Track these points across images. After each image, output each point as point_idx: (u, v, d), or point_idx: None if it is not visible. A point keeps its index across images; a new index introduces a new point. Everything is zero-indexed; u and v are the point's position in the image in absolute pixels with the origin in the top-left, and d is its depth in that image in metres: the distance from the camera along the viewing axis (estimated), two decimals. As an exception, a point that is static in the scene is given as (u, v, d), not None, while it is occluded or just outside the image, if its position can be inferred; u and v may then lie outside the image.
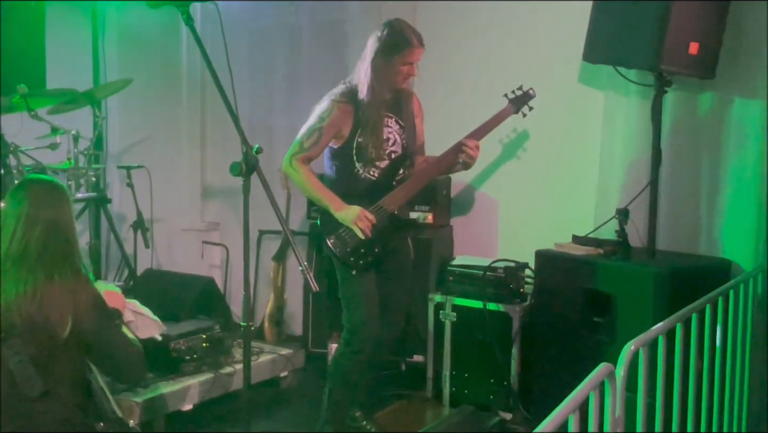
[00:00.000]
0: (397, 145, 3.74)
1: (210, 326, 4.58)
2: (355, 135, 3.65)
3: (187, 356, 4.35)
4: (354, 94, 3.64)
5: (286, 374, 4.73)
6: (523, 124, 4.58)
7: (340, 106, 3.63)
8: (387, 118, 3.70)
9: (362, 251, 3.67)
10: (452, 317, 4.39)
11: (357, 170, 3.69)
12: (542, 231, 4.49)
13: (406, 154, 3.77)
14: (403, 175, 3.77)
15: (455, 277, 4.42)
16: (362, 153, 3.66)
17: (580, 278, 3.87)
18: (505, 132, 4.62)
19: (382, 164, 3.71)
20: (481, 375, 4.31)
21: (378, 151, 3.67)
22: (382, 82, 3.60)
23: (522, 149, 4.71)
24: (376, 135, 3.64)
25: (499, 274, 4.29)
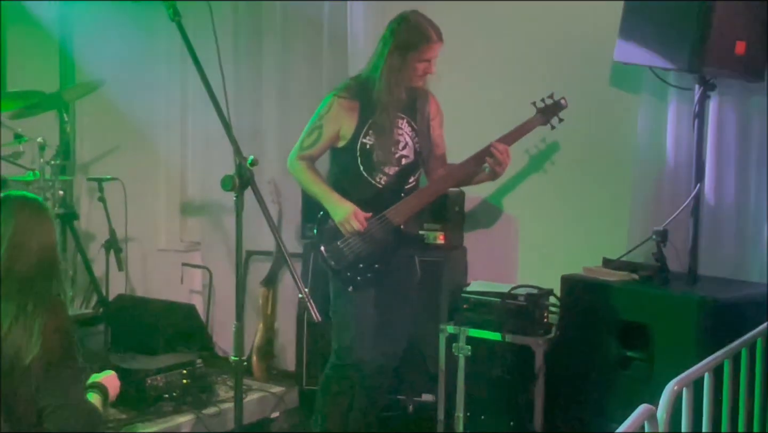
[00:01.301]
0: (408, 150, 3.78)
1: (191, 360, 4.61)
2: (359, 135, 3.69)
3: (165, 393, 4.38)
4: (361, 90, 3.69)
5: (277, 414, 4.75)
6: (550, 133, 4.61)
7: (341, 102, 3.69)
8: (398, 119, 3.73)
9: (360, 265, 3.71)
10: (466, 351, 4.39)
11: (361, 175, 3.72)
12: (569, 253, 4.52)
13: (418, 160, 3.81)
14: (413, 185, 3.81)
15: (470, 305, 4.43)
16: (367, 156, 3.70)
17: (613, 307, 3.87)
18: (532, 141, 4.65)
19: (391, 170, 3.75)
20: (499, 417, 4.30)
21: (386, 156, 3.70)
22: (397, 79, 3.64)
23: (547, 160, 4.74)
24: (384, 137, 3.68)
25: (519, 302, 4.30)
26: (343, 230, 3.67)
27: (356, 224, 3.64)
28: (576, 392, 4.01)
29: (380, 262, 3.74)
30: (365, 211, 3.68)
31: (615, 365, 3.84)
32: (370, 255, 3.71)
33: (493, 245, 4.91)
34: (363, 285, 3.72)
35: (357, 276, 3.71)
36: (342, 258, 3.70)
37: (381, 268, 3.74)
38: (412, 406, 4.68)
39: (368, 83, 3.69)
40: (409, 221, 3.81)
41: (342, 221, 3.65)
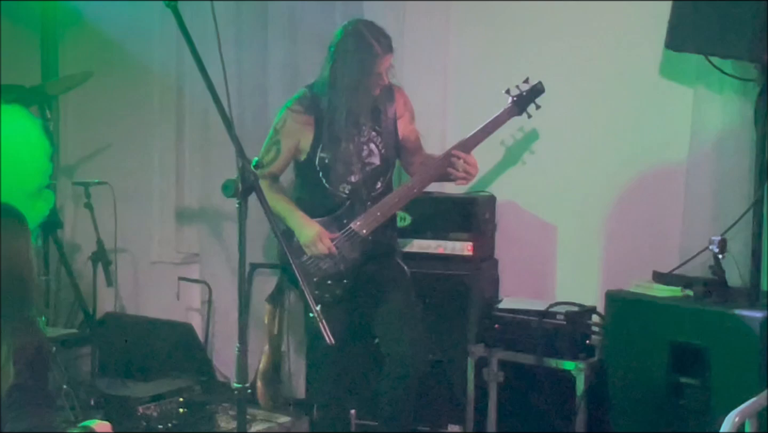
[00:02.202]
0: (374, 156, 4.05)
1: (188, 386, 4.64)
2: (317, 148, 3.96)
3: (159, 424, 4.40)
4: (315, 102, 3.97)
5: (284, 447, 4.75)
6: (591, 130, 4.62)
7: (295, 116, 4.00)
8: (361, 126, 4.00)
9: (329, 282, 3.97)
10: (499, 377, 4.38)
11: (324, 187, 3.99)
12: (614, 266, 4.51)
13: (386, 165, 4.06)
14: (381, 190, 4.05)
15: (503, 324, 4.42)
16: (328, 168, 3.98)
17: (664, 326, 3.87)
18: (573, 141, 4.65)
19: (355, 178, 4.02)
20: (536, 451, 4.31)
21: (347, 166, 3.98)
22: (349, 92, 3.89)
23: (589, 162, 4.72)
24: (342, 148, 3.94)
25: (559, 321, 4.29)
26: (308, 252, 3.93)
27: (322, 248, 3.93)
28: (622, 423, 4.00)
29: (349, 277, 4.00)
30: (333, 223, 3.99)
31: (666, 393, 3.83)
32: (338, 271, 3.99)
33: (528, 257, 4.90)
34: (333, 303, 3.92)
35: (325, 294, 3.95)
36: (309, 276, 3.92)
37: (350, 283, 4.00)
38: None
39: (321, 96, 3.96)
40: (381, 228, 4.03)
41: (308, 243, 3.93)
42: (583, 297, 4.45)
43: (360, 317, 4.12)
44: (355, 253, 4.02)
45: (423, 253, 4.72)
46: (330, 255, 3.96)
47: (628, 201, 4.61)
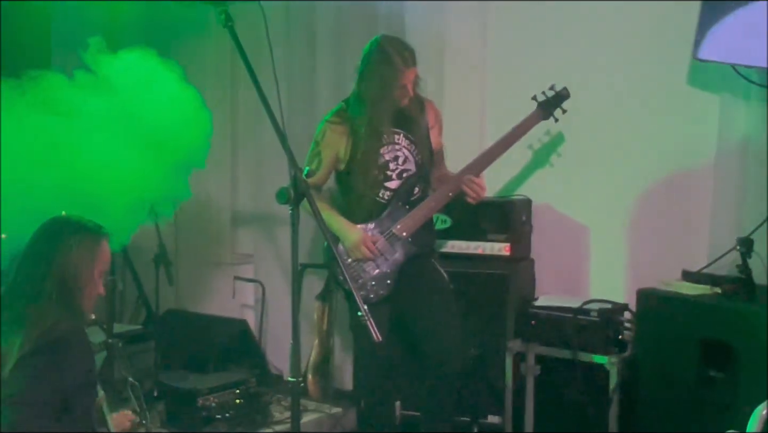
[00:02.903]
0: (409, 163, 4.05)
1: (244, 378, 4.67)
2: (355, 156, 4.00)
3: (218, 414, 4.44)
4: (350, 114, 4.00)
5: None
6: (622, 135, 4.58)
7: (333, 128, 4.03)
8: (394, 134, 4.02)
9: (372, 283, 3.98)
10: (535, 370, 4.36)
11: (364, 194, 4.01)
12: (645, 265, 4.48)
13: (421, 171, 4.06)
14: (419, 195, 4.07)
15: (539, 321, 4.40)
16: (365, 175, 4.01)
17: (693, 323, 3.83)
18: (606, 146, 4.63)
19: (392, 184, 4.03)
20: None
21: (382, 173, 4.01)
22: (376, 105, 3.93)
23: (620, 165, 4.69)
24: (372, 156, 3.99)
25: (592, 317, 4.26)
26: (352, 256, 3.96)
27: (365, 251, 3.96)
28: (653, 415, 3.96)
29: (392, 277, 4.00)
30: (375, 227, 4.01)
31: (696, 386, 3.78)
32: (381, 272, 3.99)
33: (563, 257, 4.87)
34: (377, 302, 3.92)
35: (370, 293, 3.96)
36: (354, 277, 3.94)
37: (393, 283, 4.00)
38: (477, 428, 4.65)
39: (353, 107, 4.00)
40: (420, 231, 4.04)
41: (351, 247, 3.96)
42: (615, 295, 4.42)
43: (402, 314, 4.11)
44: (397, 254, 4.03)
45: (463, 253, 4.72)
46: (372, 257, 3.97)
47: (658, 203, 4.56)
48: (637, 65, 4.55)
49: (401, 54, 3.90)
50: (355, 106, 4.01)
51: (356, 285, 3.88)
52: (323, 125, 4.06)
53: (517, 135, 4.16)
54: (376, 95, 3.93)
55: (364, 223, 4.03)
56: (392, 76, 3.89)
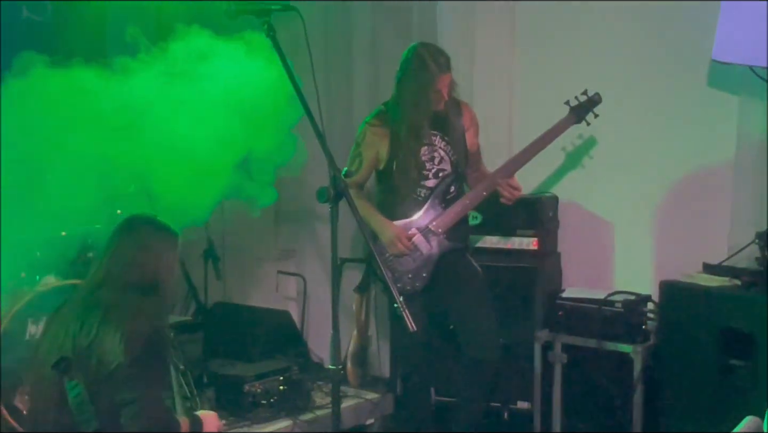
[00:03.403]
0: (445, 163, 4.07)
1: (287, 366, 4.69)
2: (394, 156, 4.03)
3: (263, 400, 4.47)
4: (389, 116, 4.03)
5: (372, 421, 4.78)
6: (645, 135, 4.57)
7: (373, 130, 4.06)
8: (432, 136, 4.05)
9: (409, 275, 4.01)
10: (563, 359, 4.37)
11: (402, 192, 4.04)
12: (667, 258, 4.47)
13: (456, 171, 4.08)
14: (454, 194, 4.09)
15: (566, 312, 4.41)
16: (403, 174, 4.03)
17: (714, 313, 3.82)
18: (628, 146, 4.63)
19: (429, 183, 4.06)
20: (597, 425, 4.28)
21: (419, 172, 4.04)
22: (413, 108, 3.95)
23: (643, 164, 4.67)
24: (411, 156, 4.01)
25: (617, 308, 4.26)
26: (390, 251, 3.96)
27: (401, 246, 3.99)
28: (676, 401, 3.95)
29: (427, 270, 4.02)
30: (411, 223, 4.05)
31: (716, 374, 3.78)
32: (417, 266, 4.02)
33: (588, 251, 4.86)
34: (413, 293, 3.95)
35: (406, 286, 3.99)
36: (392, 270, 3.97)
37: (428, 276, 4.03)
38: (507, 413, 4.67)
39: (392, 110, 4.02)
40: (454, 227, 4.06)
41: (388, 242, 3.98)
42: (638, 287, 4.41)
43: (437, 306, 4.14)
44: (433, 249, 4.05)
45: (493, 248, 4.74)
46: (408, 252, 4.00)
47: (679, 199, 4.55)
48: (659, 67, 4.55)
49: (437, 60, 3.92)
50: (394, 110, 4.04)
51: (393, 278, 3.91)
52: (364, 127, 4.10)
53: (549, 138, 4.16)
54: (413, 99, 3.95)
55: (402, 219, 4.06)
56: (428, 82, 3.91)
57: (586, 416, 4.33)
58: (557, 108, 4.23)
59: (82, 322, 2.68)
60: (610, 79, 4.60)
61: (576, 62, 4.81)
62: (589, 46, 4.79)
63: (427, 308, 4.07)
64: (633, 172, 4.68)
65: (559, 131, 4.18)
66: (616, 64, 4.69)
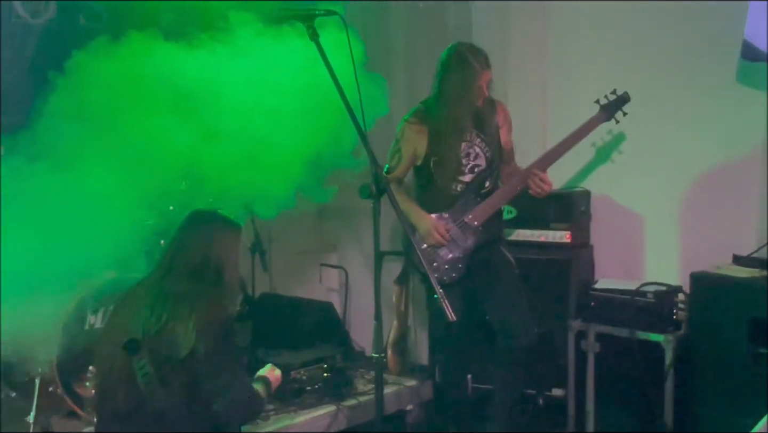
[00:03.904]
0: (480, 159, 4.05)
1: (331, 354, 4.71)
2: (432, 153, 4.02)
3: (308, 386, 4.50)
4: (428, 113, 4.02)
5: (411, 407, 4.79)
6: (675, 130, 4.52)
7: (411, 127, 4.05)
8: (468, 132, 4.03)
9: (446, 266, 3.99)
10: (595, 347, 4.33)
11: (439, 186, 4.02)
12: (697, 250, 4.42)
13: (491, 167, 4.06)
14: (489, 188, 4.08)
15: (598, 302, 4.37)
16: (440, 169, 4.02)
17: (743, 303, 3.77)
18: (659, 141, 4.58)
19: (466, 178, 4.04)
20: (629, 412, 4.24)
21: (457, 167, 4.02)
22: (454, 105, 3.95)
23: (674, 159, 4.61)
24: (451, 152, 4.00)
25: (649, 299, 4.21)
26: (426, 241, 3.98)
27: (437, 236, 3.97)
28: (706, 389, 3.91)
29: (464, 262, 4.00)
30: (447, 216, 4.02)
31: (746, 363, 3.73)
32: (454, 257, 4.00)
33: (620, 243, 4.82)
34: (450, 284, 3.94)
35: (443, 276, 3.98)
36: (430, 261, 3.97)
37: (464, 267, 4.01)
38: (542, 400, 4.64)
39: (432, 108, 4.01)
40: (489, 220, 4.05)
41: (424, 233, 3.98)
42: (669, 278, 4.36)
43: (473, 296, 4.12)
44: (468, 241, 4.04)
45: (528, 241, 4.72)
46: (445, 243, 3.99)
47: (709, 193, 4.49)
48: (687, 65, 4.50)
49: (477, 57, 3.94)
50: (434, 107, 4.03)
51: (431, 269, 3.90)
52: (403, 124, 4.09)
53: (580, 135, 4.13)
54: (457, 95, 3.95)
55: (439, 212, 4.05)
56: (471, 77, 3.91)
57: (619, 403, 4.29)
58: (589, 106, 4.20)
59: (152, 309, 2.73)
60: (638, 76, 4.56)
61: (608, 61, 4.77)
62: (619, 45, 4.75)
63: (463, 298, 4.06)
64: (662, 166, 4.63)
65: (589, 129, 4.15)
66: (645, 62, 4.64)
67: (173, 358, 2.67)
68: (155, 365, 2.68)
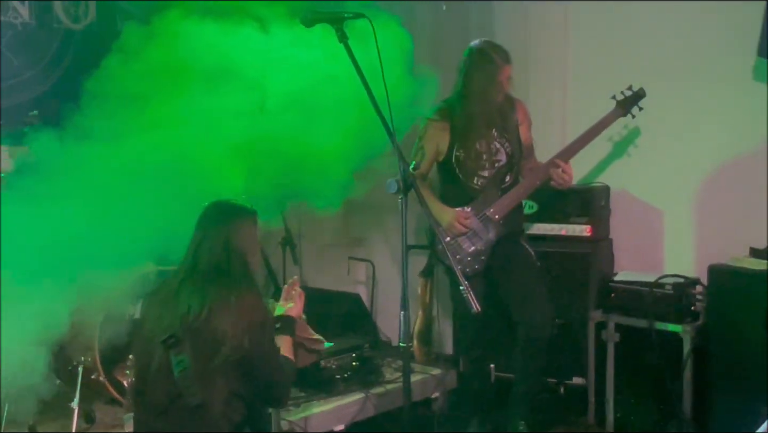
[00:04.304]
0: (501, 154, 4.06)
1: (360, 344, 4.71)
2: (453, 149, 4.03)
3: (337, 375, 4.50)
4: (450, 111, 4.03)
5: (437, 395, 4.78)
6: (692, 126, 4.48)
7: (434, 124, 4.06)
8: (489, 129, 4.04)
9: (469, 258, 4.01)
10: (615, 338, 4.30)
11: (461, 181, 4.03)
12: (714, 243, 4.37)
13: (511, 162, 4.06)
14: (509, 183, 4.08)
15: (618, 294, 4.34)
16: (462, 165, 4.03)
17: (760, 295, 3.71)
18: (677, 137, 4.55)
19: (487, 173, 4.06)
20: (648, 401, 4.20)
21: (478, 162, 4.03)
22: (477, 100, 3.94)
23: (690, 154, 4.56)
24: (472, 148, 4.01)
25: (667, 290, 4.18)
26: (449, 233, 4.01)
27: (459, 227, 3.99)
28: (724, 378, 3.87)
29: (486, 254, 4.02)
30: (469, 210, 4.04)
31: (762, 352, 3.68)
32: (476, 250, 4.02)
33: (639, 237, 4.78)
34: (472, 276, 3.95)
35: (466, 268, 3.99)
36: (454, 253, 3.98)
37: (486, 259, 4.03)
38: (563, 388, 4.62)
39: (455, 105, 4.01)
40: (510, 214, 4.06)
41: (447, 226, 4.00)
42: (686, 270, 4.33)
43: (495, 287, 4.11)
44: (490, 234, 4.04)
45: (549, 235, 4.69)
46: (466, 231, 4.00)
47: (726, 187, 4.45)
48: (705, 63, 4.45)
49: (499, 53, 3.96)
50: (456, 104, 4.03)
51: (455, 261, 3.90)
52: (426, 122, 4.09)
53: (598, 130, 4.14)
54: (478, 91, 3.96)
55: (461, 206, 4.05)
56: (493, 72, 3.93)
57: (638, 392, 4.25)
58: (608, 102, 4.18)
59: (189, 304, 2.69)
60: (657, 73, 4.52)
61: (626, 58, 4.74)
62: (639, 43, 4.71)
63: (486, 289, 4.05)
64: (680, 162, 4.59)
65: (606, 124, 4.16)
66: (663, 60, 4.60)
67: (217, 352, 2.64)
68: (195, 359, 2.65)
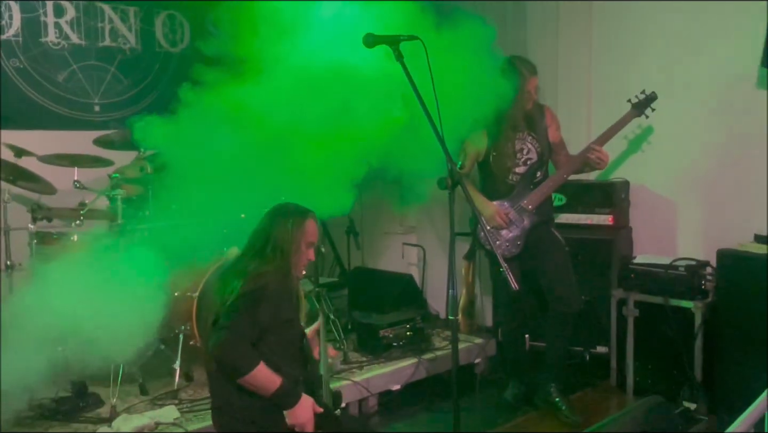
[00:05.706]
0: (532, 153, 4.07)
1: (412, 317, 4.75)
2: (491, 150, 4.05)
3: (394, 343, 4.56)
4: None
5: (479, 360, 4.80)
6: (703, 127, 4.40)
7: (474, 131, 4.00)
8: (521, 131, 4.05)
9: (507, 244, 4.03)
10: (635, 312, 4.27)
11: (498, 177, 4.05)
12: (722, 231, 4.29)
13: (542, 160, 4.08)
14: (540, 178, 4.07)
15: (637, 274, 4.29)
16: (498, 163, 4.04)
17: (763, 275, 3.66)
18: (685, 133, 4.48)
19: (520, 170, 4.05)
20: (664, 367, 4.16)
21: (512, 161, 4.03)
22: (511, 104, 3.91)
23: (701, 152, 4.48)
24: (507, 149, 4.03)
25: (680, 272, 4.13)
26: (490, 224, 4.03)
27: (499, 220, 4.01)
28: (730, 348, 3.82)
29: (521, 239, 4.04)
30: (506, 202, 4.05)
31: (766, 326, 3.61)
32: (513, 236, 4.02)
33: (655, 224, 4.71)
34: (510, 258, 3.97)
35: (505, 252, 4.01)
36: (493, 240, 3.99)
37: (522, 244, 4.03)
38: (588, 356, 4.60)
39: None
40: (541, 204, 4.05)
41: (488, 218, 4.02)
42: (697, 254, 4.26)
43: (529, 267, 4.10)
44: (525, 222, 4.04)
45: (576, 224, 4.67)
46: (506, 225, 4.02)
47: (732, 181, 4.36)
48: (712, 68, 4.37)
49: (526, 66, 3.97)
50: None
51: (495, 246, 3.90)
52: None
53: (615, 130, 4.12)
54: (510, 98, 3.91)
55: (498, 199, 4.06)
56: (521, 83, 3.92)
57: (654, 360, 4.22)
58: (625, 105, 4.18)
59: (225, 284, 2.70)
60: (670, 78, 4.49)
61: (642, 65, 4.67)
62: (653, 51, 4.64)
63: (521, 270, 4.05)
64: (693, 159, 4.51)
65: (623, 124, 4.14)
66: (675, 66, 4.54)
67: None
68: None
